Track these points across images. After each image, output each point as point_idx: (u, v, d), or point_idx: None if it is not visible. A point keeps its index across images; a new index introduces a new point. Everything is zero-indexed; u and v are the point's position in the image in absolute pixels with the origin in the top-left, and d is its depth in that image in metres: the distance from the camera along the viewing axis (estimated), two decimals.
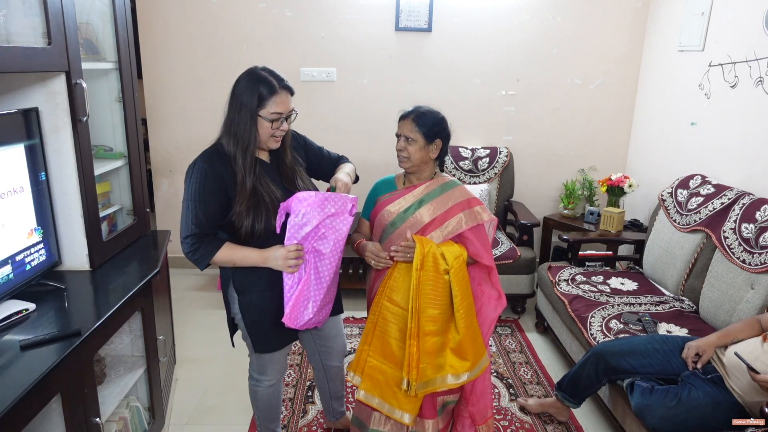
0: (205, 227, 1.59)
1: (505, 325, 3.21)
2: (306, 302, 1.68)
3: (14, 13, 1.60)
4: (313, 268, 1.67)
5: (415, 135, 1.76)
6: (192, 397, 2.50)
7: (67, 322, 1.61)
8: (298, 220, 1.59)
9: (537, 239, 3.73)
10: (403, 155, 1.79)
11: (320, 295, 1.68)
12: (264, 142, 1.64)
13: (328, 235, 1.63)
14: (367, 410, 1.86)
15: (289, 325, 1.68)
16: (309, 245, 1.64)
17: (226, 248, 1.61)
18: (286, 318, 1.67)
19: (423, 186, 1.82)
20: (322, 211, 1.60)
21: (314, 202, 1.59)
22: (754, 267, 2.18)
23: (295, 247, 1.61)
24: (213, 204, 1.59)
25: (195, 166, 1.60)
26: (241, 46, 3.52)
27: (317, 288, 1.68)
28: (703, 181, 2.73)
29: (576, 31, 3.57)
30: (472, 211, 1.79)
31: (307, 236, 1.61)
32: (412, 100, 3.49)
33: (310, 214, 1.59)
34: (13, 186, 1.64)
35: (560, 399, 2.24)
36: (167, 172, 3.75)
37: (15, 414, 1.21)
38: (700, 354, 1.91)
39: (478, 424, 1.88)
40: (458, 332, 1.74)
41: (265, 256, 1.63)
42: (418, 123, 1.76)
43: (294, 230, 1.60)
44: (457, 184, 1.85)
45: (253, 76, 1.59)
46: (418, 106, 1.81)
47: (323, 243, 1.64)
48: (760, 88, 2.52)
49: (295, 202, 1.60)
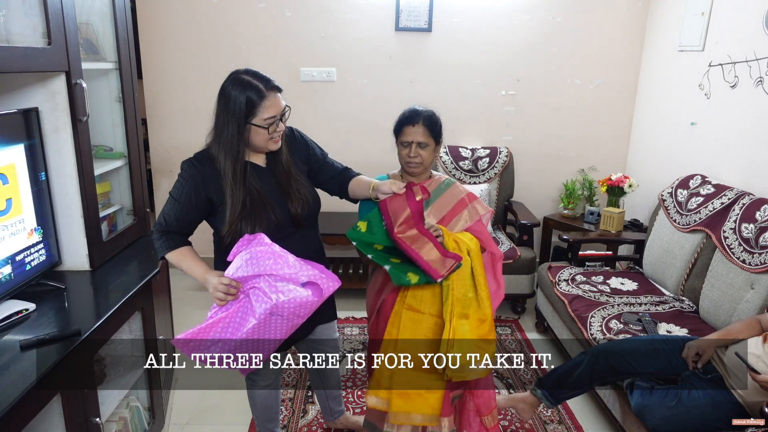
0: (171, 226, 1.62)
1: (505, 325, 3.21)
2: (216, 340, 1.51)
3: (14, 13, 1.60)
4: (239, 312, 1.52)
5: (428, 139, 1.73)
6: (192, 397, 2.50)
7: (67, 322, 1.61)
8: (244, 257, 1.49)
9: (537, 239, 3.72)
10: (416, 161, 1.75)
11: (232, 343, 1.51)
12: (263, 147, 1.61)
13: (268, 294, 1.45)
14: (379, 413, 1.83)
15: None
16: (246, 288, 1.51)
17: (178, 252, 1.62)
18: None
19: (425, 185, 1.81)
20: (268, 265, 1.46)
21: (265, 251, 1.48)
22: (754, 267, 2.18)
23: (229, 281, 1.50)
24: (188, 207, 1.60)
25: (186, 164, 1.61)
26: (241, 46, 3.52)
27: (232, 334, 1.50)
28: (703, 181, 2.73)
29: (576, 31, 3.56)
30: (473, 206, 1.80)
31: (246, 278, 1.49)
32: (412, 100, 3.48)
33: (254, 260, 1.47)
34: (13, 186, 1.64)
35: (537, 396, 2.13)
36: (167, 172, 3.75)
37: (15, 414, 1.21)
38: (700, 354, 1.91)
39: (483, 415, 1.87)
40: (485, 314, 1.69)
41: (205, 277, 1.56)
42: (429, 127, 1.73)
43: (236, 265, 1.50)
44: (453, 180, 1.85)
45: (238, 83, 1.51)
46: (417, 110, 1.76)
47: (258, 297, 1.47)
48: (760, 88, 2.52)
49: (256, 240, 1.52)
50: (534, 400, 2.17)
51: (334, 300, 1.91)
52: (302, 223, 1.69)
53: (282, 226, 1.62)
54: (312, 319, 1.72)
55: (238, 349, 1.54)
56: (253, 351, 1.56)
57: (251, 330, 1.48)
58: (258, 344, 1.54)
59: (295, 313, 1.50)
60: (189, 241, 1.68)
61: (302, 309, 1.50)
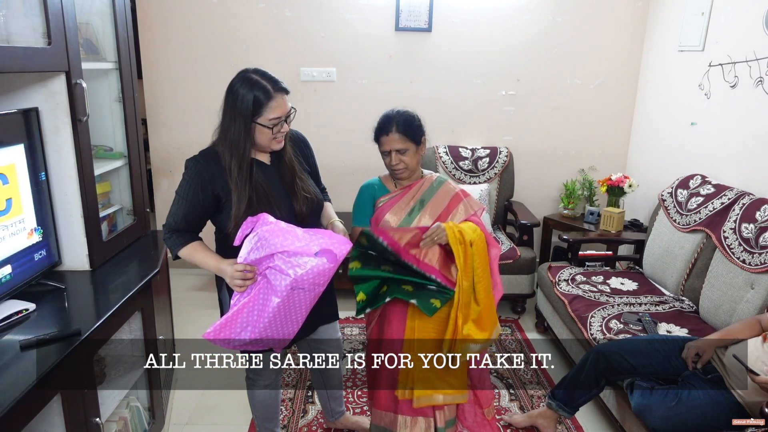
0: (180, 224, 1.63)
1: (505, 325, 3.21)
2: (245, 325, 1.54)
3: (14, 13, 1.60)
4: (260, 294, 1.53)
5: (406, 144, 1.71)
6: (192, 397, 2.50)
7: (67, 322, 1.61)
8: (252, 240, 1.49)
9: (537, 239, 3.72)
10: (400, 168, 1.74)
11: (260, 324, 1.53)
12: (266, 147, 1.62)
13: (285, 271, 1.47)
14: (390, 416, 1.83)
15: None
16: (262, 269, 1.52)
17: (191, 247, 1.63)
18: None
19: (417, 185, 1.80)
20: (277, 243, 1.46)
21: (273, 229, 1.48)
22: (754, 267, 2.18)
23: (243, 267, 1.51)
24: (195, 204, 1.60)
25: (191, 162, 1.61)
26: (241, 46, 3.52)
27: (258, 316, 1.53)
28: (703, 181, 2.73)
29: (576, 31, 3.57)
30: (467, 201, 1.80)
31: (260, 260, 1.50)
32: (412, 100, 3.50)
33: (264, 241, 1.47)
34: (13, 186, 1.64)
35: (554, 408, 2.16)
36: (167, 172, 3.75)
37: (15, 414, 1.21)
38: (700, 354, 1.91)
39: (485, 407, 1.88)
40: (478, 303, 1.71)
41: (219, 267, 1.58)
42: (404, 132, 1.71)
43: (246, 249, 1.51)
44: (444, 178, 1.85)
45: (247, 82, 1.53)
46: (389, 117, 1.73)
47: (276, 276, 1.49)
48: (760, 88, 2.52)
49: (260, 221, 1.52)
50: (552, 413, 2.20)
51: (335, 300, 1.91)
52: (306, 220, 1.70)
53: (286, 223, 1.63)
54: (314, 318, 1.73)
55: (268, 329, 1.56)
56: (285, 326, 1.59)
57: (277, 308, 1.51)
58: (287, 320, 1.57)
59: (316, 282, 1.51)
60: (199, 236, 1.69)
61: (321, 277, 1.52)
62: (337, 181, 2.67)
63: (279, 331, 1.59)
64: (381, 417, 1.85)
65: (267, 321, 1.53)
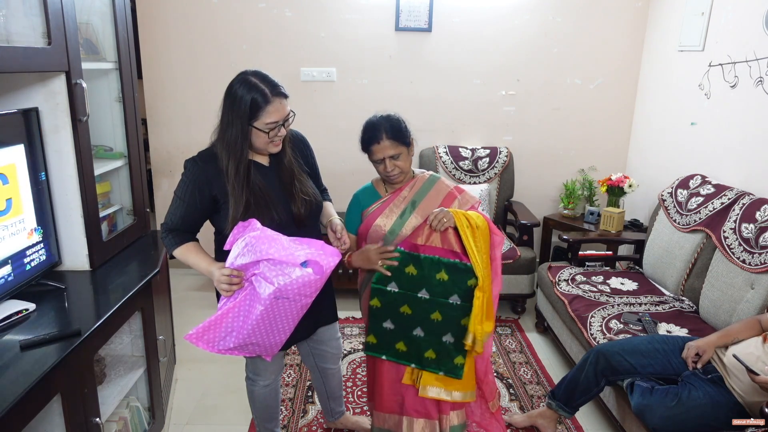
0: (177, 224, 1.64)
1: (505, 325, 3.21)
2: (229, 330, 1.54)
3: (14, 13, 1.60)
4: (246, 300, 1.52)
5: (398, 148, 1.69)
6: (192, 397, 2.50)
7: (67, 322, 1.61)
8: (240, 245, 1.48)
9: (537, 239, 3.73)
10: (395, 173, 1.72)
11: (244, 330, 1.53)
12: (263, 150, 1.62)
13: (270, 279, 1.45)
14: (393, 418, 1.83)
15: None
16: (248, 275, 1.51)
17: (185, 248, 1.64)
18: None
19: (408, 187, 1.78)
20: (263, 249, 1.44)
21: (259, 236, 1.47)
22: (754, 267, 2.18)
23: (230, 271, 1.50)
24: (192, 205, 1.61)
25: (189, 163, 1.61)
26: (241, 46, 3.52)
27: (243, 322, 1.53)
28: (703, 181, 2.73)
29: (576, 31, 3.57)
30: (463, 197, 1.79)
31: (246, 266, 1.49)
32: (412, 100, 3.48)
33: (251, 246, 1.46)
34: (13, 186, 1.64)
35: (554, 408, 2.17)
36: (167, 172, 3.75)
37: (15, 414, 1.21)
38: (700, 354, 1.91)
39: (490, 400, 1.88)
40: (484, 291, 1.67)
41: (209, 269, 1.58)
42: (395, 137, 1.69)
43: (234, 254, 1.50)
44: (437, 176, 1.84)
45: (245, 84, 1.52)
46: (376, 125, 1.70)
47: (261, 284, 1.47)
48: (760, 88, 2.52)
49: (249, 226, 1.52)
50: (552, 413, 2.21)
51: (335, 301, 1.91)
52: (305, 222, 1.69)
53: (284, 225, 1.62)
54: (313, 320, 1.72)
55: (252, 335, 1.55)
56: (270, 335, 1.58)
57: (260, 316, 1.50)
58: (272, 328, 1.56)
59: (301, 293, 1.50)
60: (196, 237, 1.69)
61: (307, 288, 1.50)
62: (336, 181, 2.67)
63: (264, 338, 1.58)
64: (384, 419, 1.84)
65: (251, 328, 1.52)
